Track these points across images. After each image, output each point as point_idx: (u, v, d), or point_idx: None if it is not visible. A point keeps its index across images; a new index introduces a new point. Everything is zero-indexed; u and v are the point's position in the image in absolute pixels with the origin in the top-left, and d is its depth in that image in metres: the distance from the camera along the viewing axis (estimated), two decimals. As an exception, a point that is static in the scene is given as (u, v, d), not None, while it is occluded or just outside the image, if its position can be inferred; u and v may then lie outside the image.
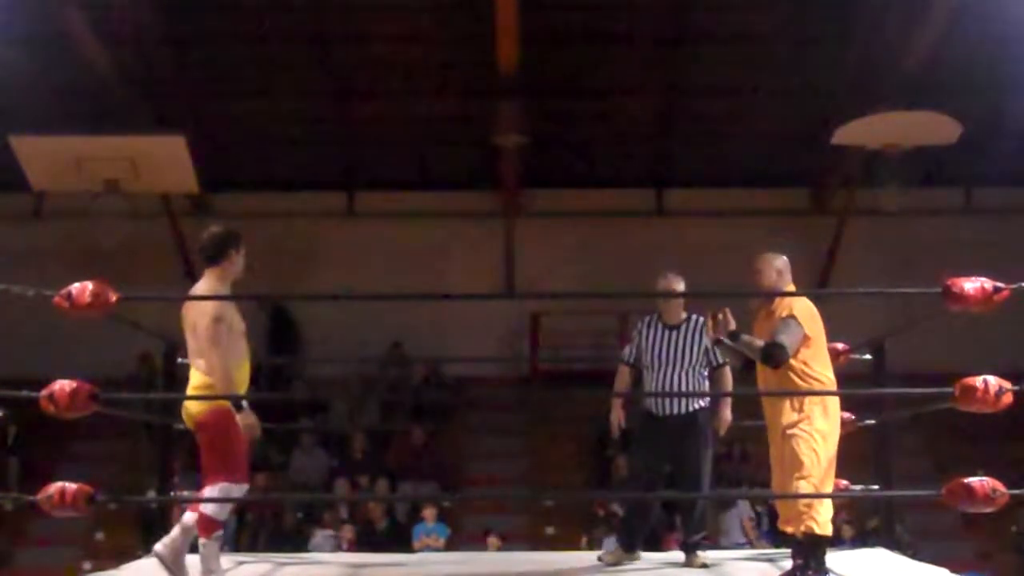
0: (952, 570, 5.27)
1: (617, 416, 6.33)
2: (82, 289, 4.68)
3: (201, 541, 5.19)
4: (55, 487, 4.64)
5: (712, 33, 13.41)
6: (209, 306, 5.23)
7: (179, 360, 6.40)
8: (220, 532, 5.25)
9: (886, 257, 14.27)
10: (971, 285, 4.60)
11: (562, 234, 14.98)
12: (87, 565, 11.32)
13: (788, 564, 5.58)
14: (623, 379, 6.42)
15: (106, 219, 12.06)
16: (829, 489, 5.32)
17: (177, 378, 6.52)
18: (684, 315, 6.31)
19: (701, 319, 6.22)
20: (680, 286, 6.26)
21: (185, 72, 13.62)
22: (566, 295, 15.71)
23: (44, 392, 4.60)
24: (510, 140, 13.05)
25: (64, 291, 4.68)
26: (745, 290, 6.13)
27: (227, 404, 5.17)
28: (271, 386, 14.61)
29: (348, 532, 11.72)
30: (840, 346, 6.14)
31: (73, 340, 11.72)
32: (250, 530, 12.20)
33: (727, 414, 6.35)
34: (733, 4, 13.12)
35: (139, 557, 6.25)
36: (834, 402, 5.43)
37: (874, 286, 12.25)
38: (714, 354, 6.27)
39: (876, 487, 6.04)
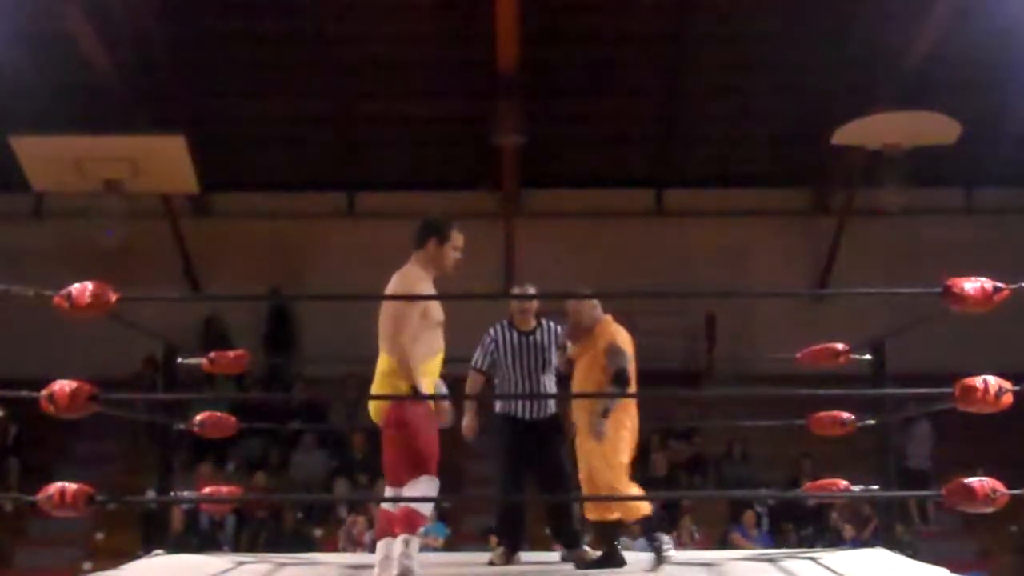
0: (952, 570, 5.27)
1: (470, 423, 6.40)
2: (82, 289, 4.67)
3: (403, 537, 5.07)
4: (55, 487, 4.63)
5: (712, 33, 13.43)
6: (399, 292, 5.18)
7: (179, 360, 6.40)
8: (423, 528, 5.16)
9: (886, 257, 14.27)
10: (971, 285, 4.59)
11: (562, 234, 14.98)
12: (87, 565, 11.32)
13: (786, 563, 5.60)
14: (475, 386, 6.50)
15: (106, 219, 12.05)
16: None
17: (177, 378, 6.52)
18: (535, 321, 6.43)
19: (552, 324, 6.46)
20: (532, 292, 6.50)
21: (185, 72, 13.63)
22: (566, 295, 15.70)
23: (44, 392, 4.59)
24: (510, 140, 13.04)
25: (64, 291, 4.67)
26: (744, 290, 6.14)
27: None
28: (270, 386, 14.63)
29: (360, 525, 11.65)
30: (840, 346, 6.14)
31: (73, 340, 11.72)
32: (250, 530, 12.20)
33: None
34: (733, 4, 13.14)
35: (139, 557, 6.25)
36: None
37: (874, 286, 12.26)
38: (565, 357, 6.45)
39: (876, 487, 6.04)
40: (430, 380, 5.20)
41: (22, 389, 4.93)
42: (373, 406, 5.25)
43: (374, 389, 5.26)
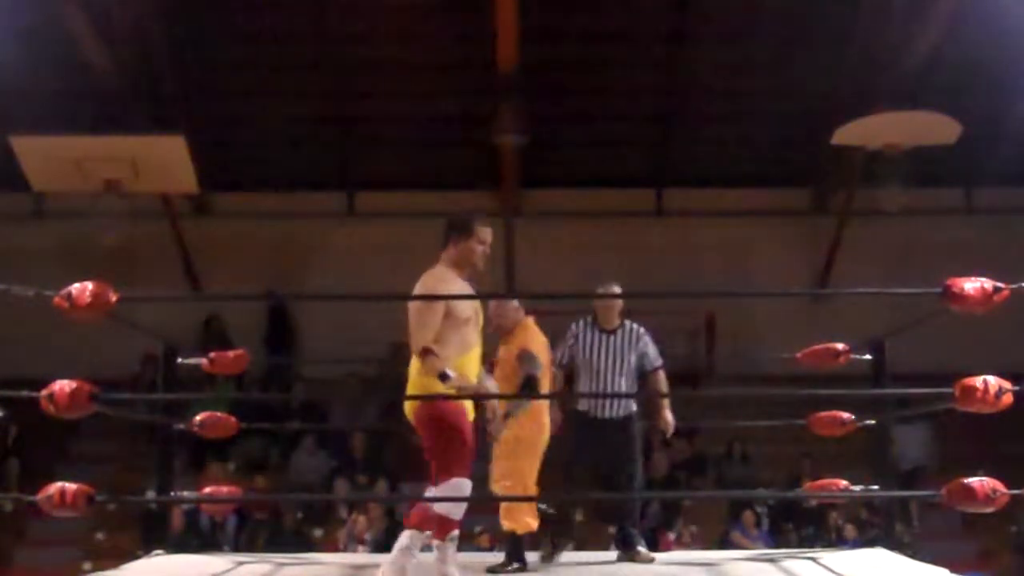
0: (952, 570, 5.27)
1: (555, 416, 6.36)
2: (82, 289, 4.67)
3: (436, 543, 5.00)
4: (55, 487, 4.63)
5: (712, 33, 13.43)
6: (420, 289, 5.10)
7: (179, 360, 6.40)
8: (456, 533, 5.04)
9: (886, 257, 14.26)
10: (971, 285, 4.59)
11: (562, 234, 14.97)
12: (87, 565, 11.32)
13: (786, 563, 5.60)
14: (556, 382, 6.49)
15: (106, 219, 12.05)
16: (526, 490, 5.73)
17: (177, 378, 6.52)
18: (619, 321, 6.43)
19: (637, 325, 6.46)
20: (617, 291, 6.44)
21: (185, 72, 13.62)
22: (566, 295, 15.71)
23: (44, 392, 4.59)
24: (510, 140, 13.04)
25: (64, 291, 4.67)
26: (744, 290, 6.13)
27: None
28: (270, 386, 14.62)
29: (362, 524, 11.63)
30: (840, 346, 6.14)
31: (73, 340, 11.69)
32: (250, 530, 12.20)
33: (669, 416, 6.45)
34: (733, 4, 13.14)
35: (139, 557, 6.25)
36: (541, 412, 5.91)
37: (874, 286, 12.25)
38: (649, 359, 6.44)
39: (876, 487, 6.04)
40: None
41: (22, 389, 4.94)
42: (407, 406, 5.19)
43: (408, 389, 5.17)
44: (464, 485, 5.00)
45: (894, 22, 12.31)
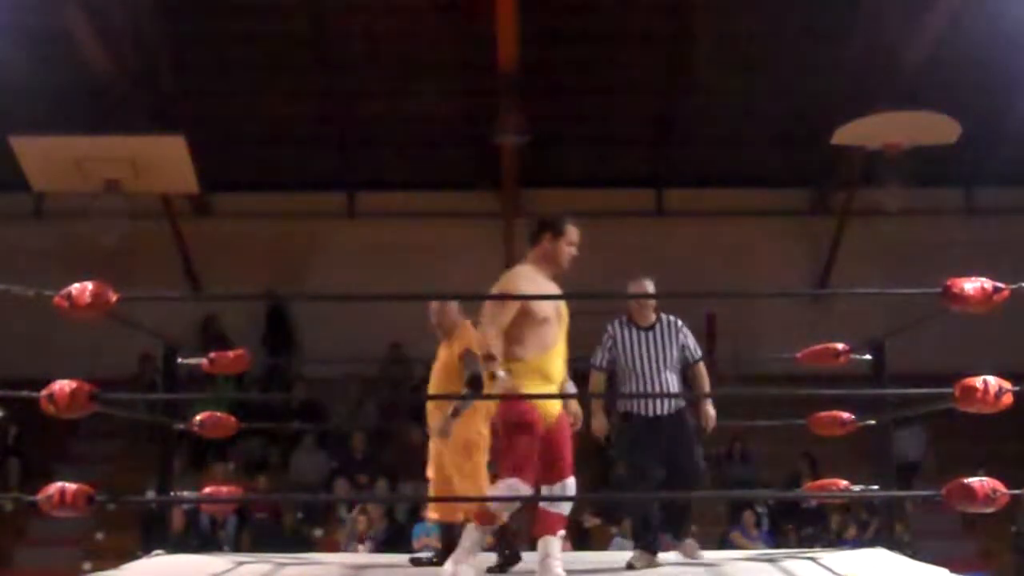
0: (952, 570, 5.27)
1: (600, 422, 6.34)
2: (82, 289, 4.67)
3: (471, 524, 5.05)
4: (55, 487, 4.63)
5: (712, 33, 13.42)
6: (497, 286, 5.17)
7: (179, 360, 6.40)
8: (493, 527, 5.06)
9: (886, 257, 14.27)
10: (971, 285, 4.59)
11: (562, 234, 14.95)
12: (87, 565, 11.32)
13: (786, 563, 5.61)
14: (598, 386, 6.45)
15: (106, 219, 12.05)
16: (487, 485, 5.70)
17: (177, 378, 6.52)
18: (654, 316, 6.39)
19: (674, 317, 6.42)
20: (651, 288, 6.35)
21: (185, 72, 13.63)
22: (565, 295, 15.74)
23: (44, 392, 4.59)
24: (510, 140, 13.04)
25: (64, 291, 4.67)
26: (744, 290, 6.11)
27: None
28: (270, 386, 14.62)
29: (363, 524, 11.64)
30: (840, 346, 6.14)
31: (73, 340, 11.71)
32: (250, 530, 12.20)
33: (711, 410, 6.44)
34: (733, 4, 13.14)
35: (139, 557, 6.25)
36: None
37: (874, 286, 12.26)
38: (691, 351, 6.39)
39: (876, 487, 6.04)
40: (534, 379, 5.05)
41: (22, 389, 4.94)
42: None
43: (485, 389, 5.17)
44: (518, 486, 4.96)
45: (894, 22, 12.31)
